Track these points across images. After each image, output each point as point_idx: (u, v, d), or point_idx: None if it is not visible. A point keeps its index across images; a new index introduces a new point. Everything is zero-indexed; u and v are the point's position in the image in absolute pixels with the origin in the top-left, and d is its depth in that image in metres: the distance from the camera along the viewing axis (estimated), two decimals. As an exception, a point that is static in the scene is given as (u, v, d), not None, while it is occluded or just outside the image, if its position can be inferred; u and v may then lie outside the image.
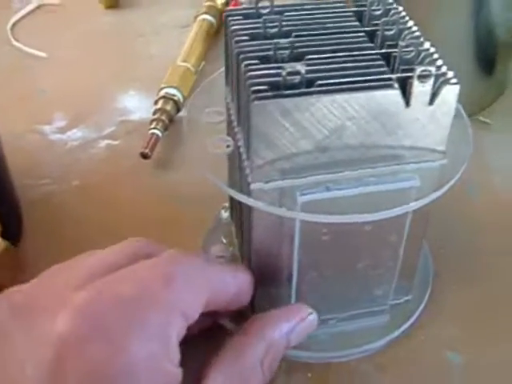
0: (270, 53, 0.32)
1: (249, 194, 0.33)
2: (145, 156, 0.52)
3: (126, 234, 0.47)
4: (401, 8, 0.37)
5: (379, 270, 0.38)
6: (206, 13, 0.69)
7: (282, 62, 0.32)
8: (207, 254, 0.45)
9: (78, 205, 0.51)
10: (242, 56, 0.33)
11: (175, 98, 0.56)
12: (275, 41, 0.32)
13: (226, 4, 0.71)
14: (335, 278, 0.38)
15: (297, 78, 0.30)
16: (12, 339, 0.28)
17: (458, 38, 0.55)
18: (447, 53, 0.54)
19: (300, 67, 0.30)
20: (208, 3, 0.71)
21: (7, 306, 0.29)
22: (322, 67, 0.32)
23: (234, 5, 0.69)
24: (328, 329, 0.41)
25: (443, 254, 0.46)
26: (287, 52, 0.32)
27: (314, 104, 0.30)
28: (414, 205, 0.33)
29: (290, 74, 0.30)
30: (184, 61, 0.62)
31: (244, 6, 0.65)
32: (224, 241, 0.46)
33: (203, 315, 0.32)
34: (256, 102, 0.29)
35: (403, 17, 0.36)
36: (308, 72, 0.31)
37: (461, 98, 0.56)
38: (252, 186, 0.32)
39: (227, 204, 0.46)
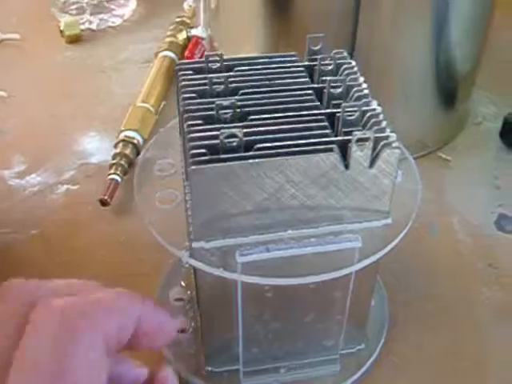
0: (214, 112, 0.33)
1: (192, 251, 0.33)
2: (104, 203, 0.52)
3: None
4: (353, 62, 0.37)
5: (327, 323, 0.38)
6: (167, 49, 0.69)
7: (225, 122, 0.33)
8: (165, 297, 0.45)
9: (38, 254, 0.50)
10: (185, 115, 0.33)
11: (134, 141, 0.56)
12: (217, 101, 0.32)
13: (188, 40, 0.71)
14: (283, 331, 0.38)
15: (235, 142, 0.30)
16: None
17: (419, 71, 0.56)
18: (409, 86, 0.56)
19: (237, 131, 0.30)
20: (169, 39, 0.71)
21: None
22: (263, 129, 0.32)
23: (195, 41, 0.69)
24: (279, 377, 0.41)
25: (401, 302, 0.46)
26: (230, 112, 0.33)
27: (250, 168, 0.30)
28: (354, 267, 0.33)
29: (228, 137, 0.30)
30: (144, 101, 0.61)
31: (203, 43, 0.66)
32: (183, 283, 0.46)
33: None
34: (193, 167, 0.30)
35: (354, 72, 0.37)
36: (248, 134, 0.31)
37: (422, 132, 0.59)
38: (194, 244, 0.33)
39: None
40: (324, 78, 0.36)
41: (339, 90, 0.35)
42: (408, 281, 0.48)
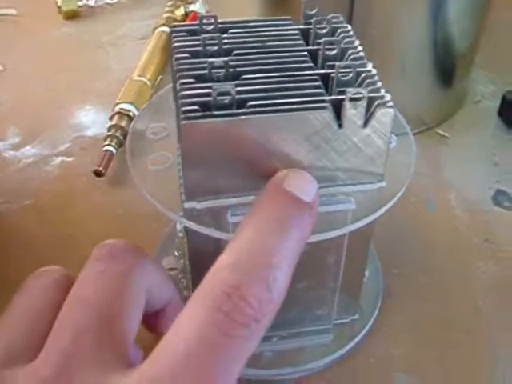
0: (206, 71, 0.32)
1: (183, 212, 0.33)
2: (98, 174, 0.52)
3: (79, 253, 0.47)
4: (349, 27, 0.37)
5: (320, 290, 0.38)
6: (164, 25, 0.68)
7: (218, 81, 0.32)
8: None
9: (31, 224, 0.50)
10: (178, 74, 0.33)
11: (130, 113, 0.56)
12: (210, 60, 0.32)
13: (186, 15, 0.70)
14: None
15: (227, 99, 0.30)
16: None
17: (416, 48, 0.55)
18: (406, 61, 0.55)
19: (230, 87, 0.30)
20: (167, 15, 0.70)
21: None
22: (256, 87, 0.31)
23: (193, 16, 0.69)
24: (271, 346, 0.40)
25: (396, 274, 0.46)
26: (223, 71, 0.32)
27: (243, 125, 0.30)
28: (347, 228, 0.33)
29: (220, 94, 0.30)
30: (140, 75, 0.61)
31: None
32: (176, 253, 0.46)
33: None
34: (184, 122, 0.29)
35: (350, 36, 0.36)
36: (240, 92, 0.30)
37: (420, 109, 0.58)
38: (185, 205, 0.32)
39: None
40: (319, 40, 0.35)
41: (334, 51, 0.34)
42: (404, 254, 0.48)
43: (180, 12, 0.70)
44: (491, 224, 0.51)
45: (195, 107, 0.30)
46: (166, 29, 0.67)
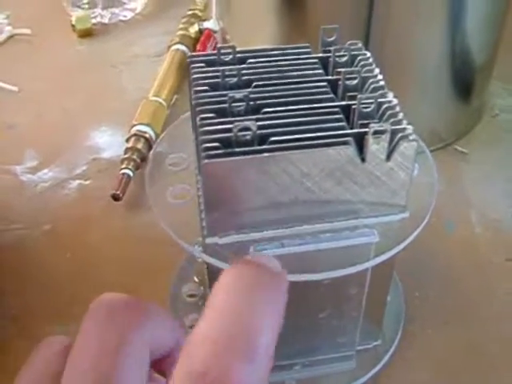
0: (226, 105, 0.32)
1: (204, 246, 0.33)
2: (116, 198, 0.51)
3: (98, 278, 0.47)
4: (368, 54, 0.37)
5: (342, 320, 0.38)
6: (179, 42, 0.68)
7: (238, 115, 0.32)
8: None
9: (49, 250, 0.50)
10: (198, 108, 0.32)
11: (146, 135, 0.55)
12: (230, 94, 0.32)
13: (200, 33, 0.70)
14: (297, 327, 0.37)
15: (249, 135, 0.30)
16: None
17: (434, 63, 0.55)
18: (424, 77, 0.55)
19: (251, 124, 0.29)
20: (181, 32, 0.70)
21: None
22: (277, 122, 0.31)
23: (207, 34, 0.68)
24: (293, 374, 0.40)
25: (418, 297, 0.46)
26: (243, 105, 0.32)
27: (265, 162, 0.30)
28: (370, 263, 0.33)
29: (241, 130, 0.30)
30: (156, 95, 0.60)
31: (215, 36, 0.66)
32: (196, 279, 0.46)
33: None
34: (206, 161, 0.29)
35: (369, 64, 0.36)
36: (261, 127, 0.30)
37: (437, 125, 0.58)
38: (207, 240, 0.32)
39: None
40: (339, 69, 0.35)
41: (354, 81, 0.34)
42: (425, 276, 0.47)
43: (194, 29, 0.70)
44: (512, 243, 0.50)
45: (216, 144, 0.30)
46: (181, 47, 0.67)
